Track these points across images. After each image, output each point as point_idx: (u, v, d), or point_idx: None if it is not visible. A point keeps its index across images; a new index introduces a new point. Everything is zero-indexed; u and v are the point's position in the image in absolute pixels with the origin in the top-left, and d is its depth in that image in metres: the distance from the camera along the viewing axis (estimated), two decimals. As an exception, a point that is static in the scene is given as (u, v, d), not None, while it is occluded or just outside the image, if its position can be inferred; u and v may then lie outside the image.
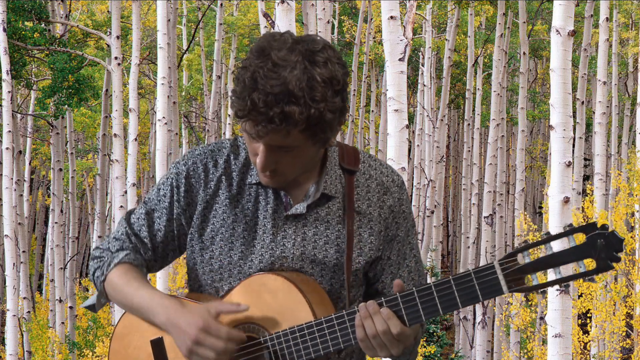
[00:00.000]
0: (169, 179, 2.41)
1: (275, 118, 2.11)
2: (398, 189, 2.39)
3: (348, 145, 2.40)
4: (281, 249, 2.32)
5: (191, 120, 32.43)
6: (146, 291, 2.33)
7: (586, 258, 2.00)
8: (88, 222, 35.14)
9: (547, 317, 6.73)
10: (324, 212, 2.33)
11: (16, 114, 20.78)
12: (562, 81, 6.61)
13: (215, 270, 2.37)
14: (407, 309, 2.17)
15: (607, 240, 2.00)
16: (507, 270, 2.08)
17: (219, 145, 2.39)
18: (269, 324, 2.28)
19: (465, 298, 2.11)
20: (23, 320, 19.39)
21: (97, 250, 2.47)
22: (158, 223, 2.42)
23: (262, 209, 2.33)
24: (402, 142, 7.54)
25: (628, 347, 18.63)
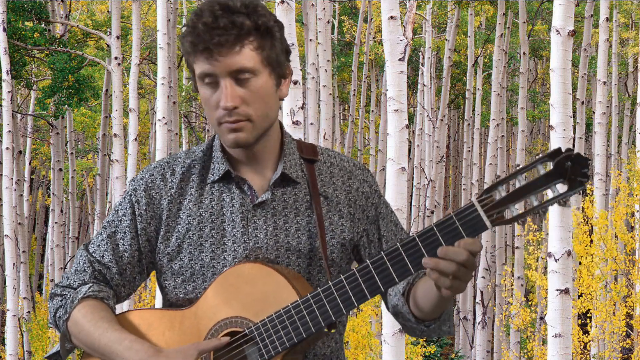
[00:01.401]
0: (126, 197, 2.35)
1: (227, 26, 2.15)
2: (361, 171, 2.39)
3: (305, 141, 2.41)
4: (254, 240, 2.28)
5: (191, 120, 32.42)
6: (115, 334, 2.21)
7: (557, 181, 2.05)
8: (88, 222, 35.14)
9: (547, 317, 6.73)
10: (291, 199, 2.31)
11: (16, 114, 20.78)
12: (562, 81, 6.62)
13: (188, 279, 2.29)
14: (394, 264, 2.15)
15: (574, 162, 2.04)
16: (487, 206, 2.09)
17: (174, 156, 2.37)
18: (253, 314, 2.22)
19: (451, 241, 2.11)
20: (23, 320, 19.39)
21: (57, 288, 2.33)
22: (122, 244, 2.32)
23: (227, 205, 2.30)
24: (402, 142, 7.54)
25: (628, 347, 18.63)
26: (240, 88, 2.21)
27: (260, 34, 2.20)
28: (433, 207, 25.03)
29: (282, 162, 2.31)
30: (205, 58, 2.18)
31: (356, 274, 2.18)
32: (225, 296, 2.23)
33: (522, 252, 20.25)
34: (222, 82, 2.20)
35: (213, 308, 2.24)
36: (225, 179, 2.32)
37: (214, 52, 2.17)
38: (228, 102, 2.19)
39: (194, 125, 32.54)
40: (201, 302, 2.26)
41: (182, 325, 2.27)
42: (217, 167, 2.32)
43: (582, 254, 14.70)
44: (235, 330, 2.23)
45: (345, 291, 2.18)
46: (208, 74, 2.20)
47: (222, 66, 2.18)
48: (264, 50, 2.21)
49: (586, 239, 14.77)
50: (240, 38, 2.17)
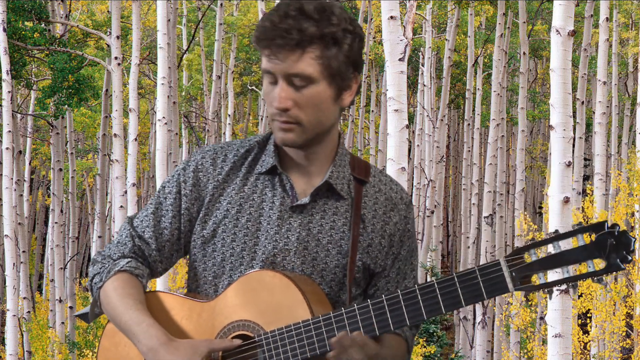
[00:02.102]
0: (174, 176, 2.39)
1: (291, 30, 2.16)
2: (405, 207, 2.38)
3: (360, 158, 2.41)
4: (285, 241, 2.29)
5: (191, 120, 32.43)
6: (137, 314, 2.26)
7: (595, 258, 1.94)
8: (88, 222, 35.13)
9: (547, 317, 6.73)
10: (332, 211, 2.32)
11: (16, 114, 20.78)
12: (562, 81, 6.61)
13: (218, 263, 2.33)
14: (408, 306, 2.14)
15: (618, 240, 1.95)
16: (514, 268, 2.03)
17: (229, 143, 2.40)
18: (265, 322, 2.24)
19: (469, 296, 2.07)
20: (23, 320, 19.38)
21: (98, 256, 2.40)
22: (163, 221, 2.37)
23: (267, 200, 2.31)
24: (402, 142, 7.53)
25: (628, 347, 18.63)
26: (295, 92, 2.21)
27: (325, 43, 2.19)
28: (433, 207, 25.02)
29: (330, 171, 2.31)
30: (266, 55, 2.21)
31: (369, 306, 2.17)
32: (243, 299, 2.26)
33: (522, 252, 20.22)
34: (279, 82, 2.22)
35: (230, 308, 2.27)
36: (272, 173, 2.34)
37: (274, 52, 2.19)
38: (280, 104, 2.21)
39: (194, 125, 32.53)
40: (220, 299, 2.29)
41: (199, 318, 2.31)
42: (266, 160, 2.34)
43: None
44: (246, 333, 2.25)
45: (355, 321, 2.17)
46: (268, 71, 2.22)
47: (280, 68, 2.20)
48: (327, 60, 2.20)
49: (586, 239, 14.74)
50: (302, 44, 2.18)
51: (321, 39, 2.18)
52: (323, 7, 2.20)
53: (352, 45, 2.23)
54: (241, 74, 32.98)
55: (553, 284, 2.01)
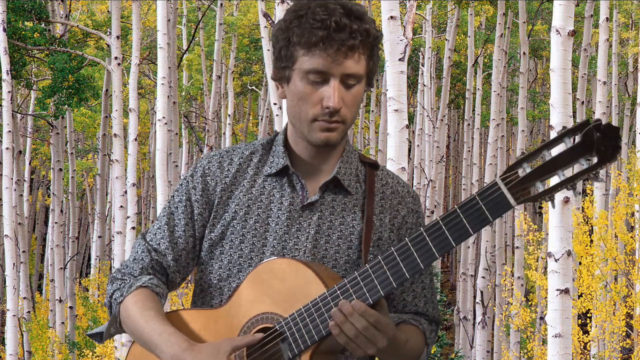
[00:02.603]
0: (183, 184, 2.40)
1: (357, 32, 2.19)
2: (413, 200, 2.39)
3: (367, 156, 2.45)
4: (294, 241, 2.30)
5: (191, 120, 32.42)
6: (158, 324, 2.25)
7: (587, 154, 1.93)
8: (88, 222, 35.13)
9: (547, 317, 6.73)
10: (340, 207, 2.32)
11: (16, 114, 20.77)
12: (562, 81, 6.61)
13: (224, 266, 2.33)
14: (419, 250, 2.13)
15: (604, 132, 1.93)
16: (511, 184, 2.03)
17: (234, 147, 2.41)
18: (283, 309, 2.22)
19: (475, 222, 2.06)
20: (23, 320, 19.38)
21: (118, 273, 2.40)
22: (177, 230, 2.36)
23: (276, 201, 2.32)
24: (402, 142, 7.53)
25: (628, 347, 18.63)
26: (346, 91, 2.23)
27: (372, 44, 2.25)
28: (433, 207, 25.02)
29: (337, 166, 2.33)
30: (324, 55, 2.19)
31: (381, 261, 2.16)
32: (256, 293, 2.25)
33: (522, 252, 20.25)
34: (333, 82, 2.21)
35: (245, 305, 2.26)
36: (280, 174, 2.34)
37: (338, 53, 2.19)
38: (338, 104, 2.21)
39: (194, 125, 32.53)
40: (234, 300, 2.28)
41: (217, 325, 2.30)
42: (276, 160, 2.34)
43: (582, 254, 14.69)
44: (267, 326, 2.24)
45: (370, 280, 2.16)
46: (320, 71, 2.21)
47: (340, 68, 2.20)
48: (371, 59, 2.26)
49: (586, 239, 14.76)
50: (363, 45, 2.21)
51: (374, 40, 2.24)
52: (358, 7, 2.24)
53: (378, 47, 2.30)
54: (241, 74, 32.97)
55: (552, 189, 1.99)
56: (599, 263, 15.08)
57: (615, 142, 1.93)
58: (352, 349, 2.16)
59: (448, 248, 2.09)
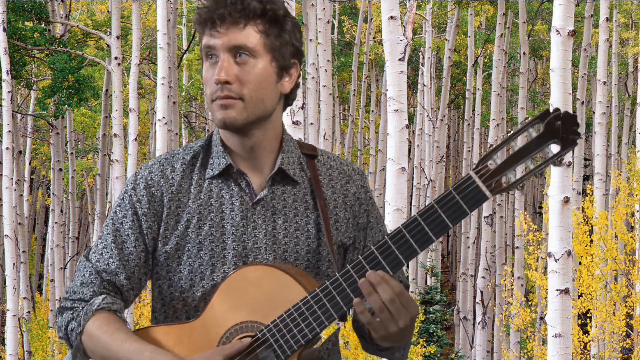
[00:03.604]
0: (125, 198, 2.29)
1: (233, 3, 2.18)
2: (359, 176, 2.38)
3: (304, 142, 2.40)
4: (253, 240, 2.25)
5: (191, 120, 32.43)
6: (134, 344, 2.16)
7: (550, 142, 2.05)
8: (88, 222, 35.13)
9: (547, 317, 6.73)
10: (291, 199, 2.29)
11: (16, 114, 20.78)
12: (562, 81, 6.62)
13: (185, 277, 2.25)
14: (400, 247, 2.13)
15: (564, 120, 2.05)
16: (484, 176, 2.09)
17: (172, 153, 2.33)
18: (262, 316, 2.18)
19: (453, 216, 2.10)
20: (23, 320, 19.38)
21: (66, 302, 2.26)
22: (126, 247, 2.26)
23: (226, 202, 2.27)
24: (402, 142, 7.54)
25: (628, 347, 18.63)
26: (238, 67, 2.21)
27: (268, 19, 2.22)
28: (433, 207, 25.00)
29: (280, 157, 2.29)
30: (208, 30, 2.21)
31: (362, 261, 2.15)
32: (232, 302, 2.20)
33: (522, 252, 20.25)
34: (221, 56, 2.21)
35: (221, 316, 2.21)
36: (224, 175, 2.29)
37: (217, 24, 2.19)
38: (221, 75, 2.19)
39: (194, 125, 32.54)
40: (208, 312, 2.21)
41: (191, 338, 2.22)
42: (217, 161, 2.29)
43: (582, 254, 14.69)
44: (247, 335, 2.19)
45: (353, 280, 2.15)
46: (209, 46, 2.21)
47: (223, 40, 2.20)
48: (269, 36, 2.22)
49: (586, 239, 14.76)
50: (245, 16, 2.20)
51: (263, 15, 2.21)
52: None
53: (293, 30, 2.26)
54: (241, 74, 32.93)
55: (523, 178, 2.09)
56: (599, 263, 15.08)
57: (575, 129, 2.06)
58: (375, 327, 2.13)
59: (429, 243, 2.13)
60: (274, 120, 2.29)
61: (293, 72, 2.28)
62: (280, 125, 2.33)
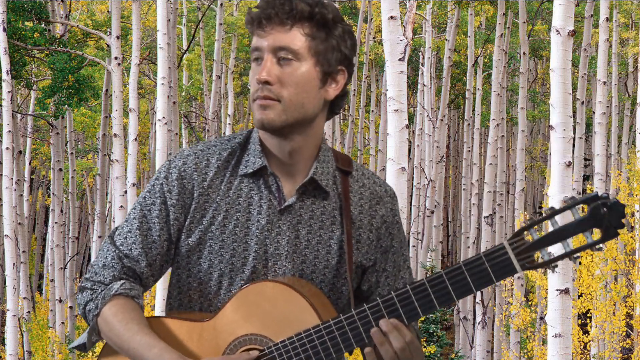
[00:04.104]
0: (156, 186, 2.29)
1: (282, 4, 2.17)
2: (390, 199, 2.35)
3: (341, 152, 2.38)
4: (275, 245, 2.25)
5: (191, 120, 32.43)
6: (145, 338, 2.18)
7: (592, 228, 2.03)
8: (88, 222, 35.13)
9: (547, 317, 6.73)
10: (319, 210, 2.28)
11: (16, 114, 20.77)
12: (562, 81, 6.61)
13: (204, 270, 2.26)
14: (420, 299, 2.15)
15: (610, 209, 2.03)
16: (518, 249, 2.08)
17: (208, 145, 2.32)
18: (272, 333, 2.19)
19: (479, 282, 2.11)
20: (23, 320, 19.38)
21: (87, 282, 2.29)
22: (151, 234, 2.27)
23: (255, 204, 2.26)
24: (402, 142, 7.53)
25: (628, 347, 18.63)
26: (280, 68, 2.19)
27: (315, 22, 2.20)
28: (433, 207, 25.02)
29: (314, 167, 2.27)
30: (256, 30, 2.20)
31: (380, 304, 2.17)
32: (245, 313, 2.20)
33: (522, 252, 20.22)
34: (265, 56, 2.20)
35: (233, 323, 2.22)
36: (256, 175, 2.28)
37: (263, 24, 2.19)
38: (262, 75, 2.18)
39: (194, 125, 32.53)
40: (220, 316, 2.23)
41: (201, 338, 2.24)
42: (252, 160, 2.28)
43: (582, 254, 14.69)
44: (253, 347, 2.21)
45: (367, 321, 2.17)
46: (255, 47, 2.21)
47: (269, 40, 2.19)
48: (315, 39, 2.20)
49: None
50: (292, 17, 2.18)
51: (311, 18, 2.19)
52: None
53: (343, 36, 2.23)
54: (241, 74, 32.98)
55: (557, 259, 2.08)
56: (599, 263, 15.07)
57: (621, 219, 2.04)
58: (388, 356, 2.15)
59: (449, 301, 2.13)
60: (316, 126, 2.27)
61: (339, 79, 2.25)
62: (321, 132, 2.31)
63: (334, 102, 2.28)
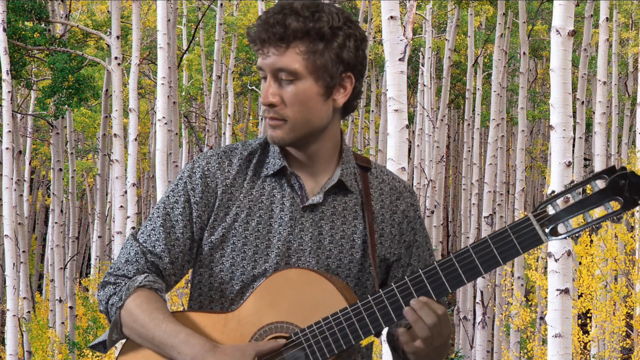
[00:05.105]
0: (180, 184, 2.32)
1: (275, 25, 2.17)
2: (410, 194, 2.39)
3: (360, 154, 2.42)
4: (299, 242, 2.27)
5: (191, 120, 32.42)
6: (171, 326, 2.19)
7: (612, 199, 2.11)
8: (88, 222, 35.13)
9: (547, 317, 6.73)
10: (341, 207, 2.31)
11: (16, 114, 20.77)
12: (562, 81, 6.61)
13: (226, 269, 2.28)
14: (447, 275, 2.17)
15: (629, 180, 2.11)
16: (542, 221, 2.14)
17: (231, 147, 2.37)
18: (299, 319, 2.20)
19: (506, 254, 2.14)
20: (23, 320, 19.38)
21: (109, 277, 2.31)
22: (174, 232, 2.29)
23: (277, 202, 2.29)
24: (402, 142, 7.54)
25: (628, 347, 18.62)
26: (282, 88, 2.22)
27: (311, 39, 2.19)
28: (433, 207, 25.02)
29: (340, 168, 2.31)
30: (257, 51, 2.23)
31: (408, 282, 2.18)
32: (270, 301, 2.22)
33: (522, 252, 20.22)
34: (268, 77, 2.23)
35: (258, 313, 2.23)
36: (279, 175, 2.31)
37: (262, 47, 2.21)
38: (264, 99, 2.22)
39: (194, 125, 32.53)
40: (245, 306, 2.24)
41: (225, 328, 2.25)
42: (272, 161, 2.31)
43: (582, 254, 14.69)
44: (280, 335, 2.22)
45: (396, 299, 2.18)
46: (259, 67, 2.24)
47: (267, 63, 2.21)
48: (312, 55, 2.20)
49: (586, 239, 14.76)
50: (286, 39, 2.18)
51: (306, 35, 2.19)
52: (314, 5, 2.20)
53: (345, 43, 2.22)
54: (241, 74, 32.99)
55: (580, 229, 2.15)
56: (599, 263, 15.07)
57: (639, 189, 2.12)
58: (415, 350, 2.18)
59: (477, 275, 2.16)
60: (331, 130, 2.30)
61: (347, 85, 2.26)
62: (338, 134, 2.34)
63: (347, 105, 2.31)
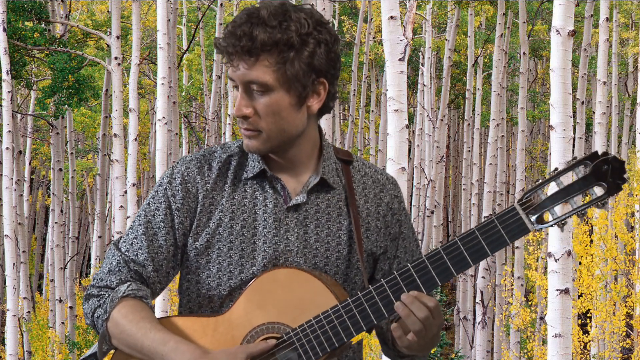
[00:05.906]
0: (160, 191, 2.29)
1: (242, 37, 2.14)
2: (393, 186, 2.38)
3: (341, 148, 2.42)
4: (285, 242, 2.25)
5: (191, 120, 32.43)
6: (159, 334, 2.16)
7: (596, 184, 2.12)
8: (88, 222, 35.13)
9: (547, 317, 6.73)
10: (325, 204, 2.29)
11: (16, 114, 20.78)
12: (562, 81, 6.61)
13: (213, 274, 2.26)
14: (436, 268, 2.16)
15: (611, 165, 2.11)
16: (528, 210, 2.14)
17: (209, 150, 2.34)
18: (290, 319, 2.19)
19: (494, 245, 2.14)
20: (23, 320, 19.38)
21: (92, 289, 2.27)
22: (157, 239, 2.27)
23: (260, 204, 2.27)
24: (402, 142, 7.54)
25: (628, 347, 18.62)
26: (253, 100, 2.20)
27: (279, 50, 2.15)
28: (433, 207, 25.02)
29: (322, 167, 2.29)
30: (227, 63, 2.20)
31: (397, 277, 2.17)
32: (260, 302, 2.20)
33: (522, 252, 20.25)
34: (239, 89, 2.21)
35: (248, 314, 2.21)
36: (260, 177, 2.29)
37: (231, 60, 2.18)
38: (236, 112, 2.20)
39: (194, 125, 32.53)
40: (235, 309, 2.22)
41: (216, 332, 2.23)
42: (252, 164, 2.29)
43: (582, 254, 14.69)
44: (271, 336, 2.20)
45: (386, 295, 2.18)
46: (230, 77, 2.22)
47: (237, 75, 2.19)
48: (282, 67, 2.16)
49: (586, 239, 14.76)
50: (253, 52, 2.15)
51: (274, 46, 2.15)
52: (281, 12, 2.16)
53: (315, 50, 2.18)
54: (241, 74, 32.94)
55: (566, 216, 2.16)
56: (599, 263, 15.08)
57: (622, 174, 2.13)
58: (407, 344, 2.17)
59: (466, 267, 2.16)
60: (308, 133, 2.29)
61: (321, 91, 2.23)
62: (316, 135, 2.32)
63: (322, 107, 2.28)
